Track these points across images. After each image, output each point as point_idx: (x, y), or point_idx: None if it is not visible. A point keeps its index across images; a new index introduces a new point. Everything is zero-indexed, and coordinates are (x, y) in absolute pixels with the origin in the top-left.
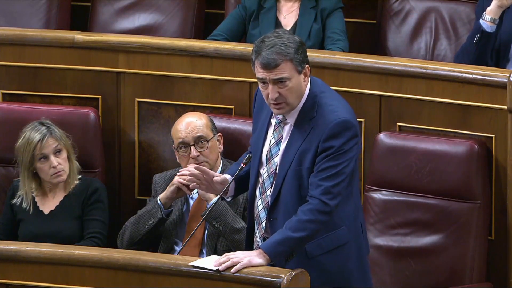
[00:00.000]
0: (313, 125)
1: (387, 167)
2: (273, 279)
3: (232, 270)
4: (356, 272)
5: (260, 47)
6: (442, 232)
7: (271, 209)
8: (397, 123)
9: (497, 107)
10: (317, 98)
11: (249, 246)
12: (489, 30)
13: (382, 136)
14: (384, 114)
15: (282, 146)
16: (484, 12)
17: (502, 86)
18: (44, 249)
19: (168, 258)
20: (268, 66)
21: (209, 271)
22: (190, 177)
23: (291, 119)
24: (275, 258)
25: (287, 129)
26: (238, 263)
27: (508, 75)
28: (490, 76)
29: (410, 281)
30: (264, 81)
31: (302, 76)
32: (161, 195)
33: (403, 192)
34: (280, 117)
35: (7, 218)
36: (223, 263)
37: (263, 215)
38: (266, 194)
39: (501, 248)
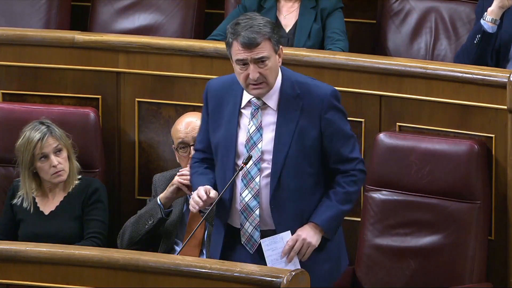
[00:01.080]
0: (303, 102)
1: (387, 167)
2: (273, 279)
3: (302, 259)
4: (342, 249)
5: (237, 29)
6: (442, 232)
7: (273, 197)
8: (397, 123)
9: (497, 107)
10: (293, 78)
11: (227, 241)
12: (490, 31)
13: (382, 136)
14: (384, 114)
15: (266, 130)
16: (485, 13)
17: (502, 86)
18: (44, 249)
19: (168, 258)
20: (250, 45)
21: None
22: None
23: (271, 102)
24: (329, 233)
25: (268, 113)
26: (306, 251)
27: (508, 75)
28: (490, 76)
29: (410, 281)
30: (244, 62)
31: (277, 56)
32: (161, 195)
33: (403, 192)
34: (258, 102)
35: (7, 218)
36: (292, 257)
37: (254, 204)
38: (255, 182)
39: (501, 248)
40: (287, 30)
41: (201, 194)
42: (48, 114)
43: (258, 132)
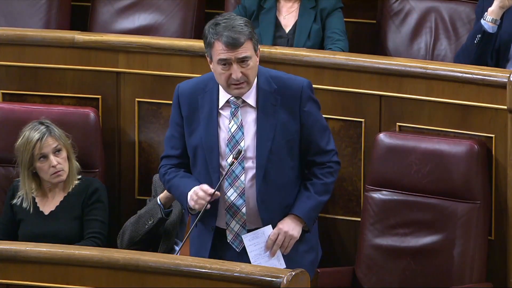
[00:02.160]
0: (281, 95)
1: (387, 167)
2: (273, 279)
3: (284, 252)
4: (318, 240)
5: (218, 29)
6: (442, 232)
7: (260, 192)
8: (397, 123)
9: (497, 107)
10: (267, 73)
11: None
12: (490, 31)
13: (382, 136)
14: (384, 114)
15: (248, 128)
16: (486, 13)
17: (502, 86)
18: (44, 249)
19: (168, 258)
20: (234, 45)
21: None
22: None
23: (250, 99)
24: (309, 225)
25: (248, 110)
26: (288, 243)
27: (508, 75)
28: (490, 76)
29: (410, 281)
30: (227, 62)
31: (256, 56)
32: (161, 195)
33: (403, 192)
34: (237, 101)
35: (7, 218)
36: (275, 251)
37: (240, 202)
38: (240, 180)
39: (501, 248)
40: (286, 31)
41: (205, 188)
42: (48, 114)
43: (239, 130)
